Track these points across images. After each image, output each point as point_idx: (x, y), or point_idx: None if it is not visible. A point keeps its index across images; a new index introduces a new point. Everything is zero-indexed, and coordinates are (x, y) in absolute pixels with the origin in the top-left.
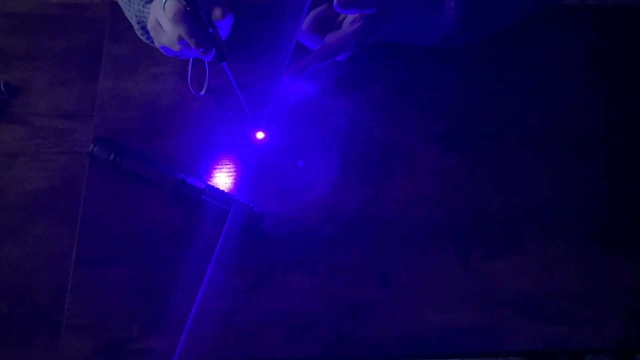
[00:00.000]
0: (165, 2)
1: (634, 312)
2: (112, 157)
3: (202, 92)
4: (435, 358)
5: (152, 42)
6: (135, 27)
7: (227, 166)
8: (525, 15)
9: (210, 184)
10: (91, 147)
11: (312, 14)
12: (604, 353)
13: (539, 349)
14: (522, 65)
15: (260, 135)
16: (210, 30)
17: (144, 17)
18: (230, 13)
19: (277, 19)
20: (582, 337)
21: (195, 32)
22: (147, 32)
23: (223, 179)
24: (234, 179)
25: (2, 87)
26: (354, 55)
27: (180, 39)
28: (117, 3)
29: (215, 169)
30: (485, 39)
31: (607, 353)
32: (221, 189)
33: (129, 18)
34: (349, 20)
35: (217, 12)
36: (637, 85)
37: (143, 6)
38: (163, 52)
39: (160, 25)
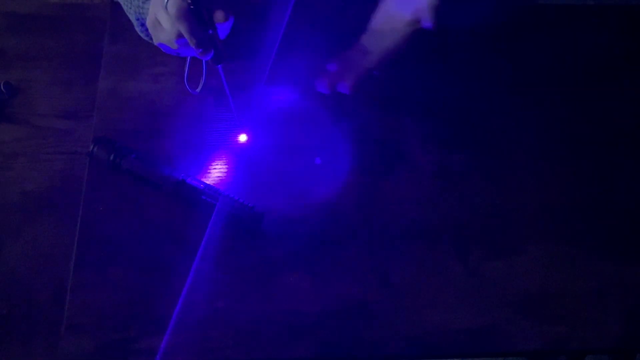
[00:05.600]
0: (167, 1)
1: (634, 312)
2: (112, 157)
3: (198, 90)
4: (435, 358)
5: (152, 39)
6: (135, 23)
7: (226, 166)
8: None
9: (210, 184)
10: (91, 147)
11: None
12: (604, 353)
13: (539, 349)
14: (522, 66)
15: (243, 137)
16: (211, 31)
17: (144, 13)
18: (231, 15)
19: (265, 19)
20: (582, 337)
21: (196, 31)
22: (147, 29)
23: (223, 179)
24: (234, 179)
25: (2, 87)
26: None
27: (179, 38)
28: (117, 3)
29: (215, 169)
30: (487, 38)
31: (607, 353)
32: (221, 189)
33: (128, 15)
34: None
35: (219, 15)
36: (637, 85)
37: (143, 3)
38: (162, 49)
39: (160, 23)
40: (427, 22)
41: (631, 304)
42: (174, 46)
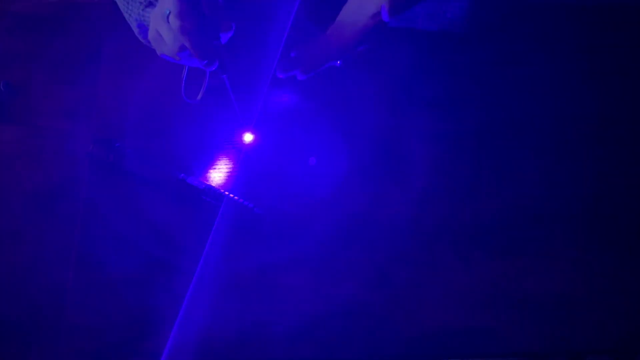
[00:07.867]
0: (168, 14)
1: (634, 312)
2: (112, 157)
3: (198, 98)
4: (435, 358)
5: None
6: (136, 31)
7: (227, 166)
8: None
9: (210, 184)
10: (91, 147)
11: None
12: (604, 353)
13: (539, 349)
14: (522, 66)
15: (249, 137)
16: (215, 42)
17: (145, 20)
18: (233, 23)
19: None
20: (582, 337)
21: (200, 44)
22: (147, 35)
23: (223, 179)
24: (234, 179)
25: (2, 87)
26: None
27: (181, 50)
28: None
29: (215, 169)
30: (486, 37)
31: (607, 353)
32: (221, 189)
33: (128, 20)
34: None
35: (224, 26)
36: (637, 85)
37: (143, 10)
38: (165, 59)
39: (162, 37)
40: (385, 14)
41: (631, 304)
42: (177, 58)
